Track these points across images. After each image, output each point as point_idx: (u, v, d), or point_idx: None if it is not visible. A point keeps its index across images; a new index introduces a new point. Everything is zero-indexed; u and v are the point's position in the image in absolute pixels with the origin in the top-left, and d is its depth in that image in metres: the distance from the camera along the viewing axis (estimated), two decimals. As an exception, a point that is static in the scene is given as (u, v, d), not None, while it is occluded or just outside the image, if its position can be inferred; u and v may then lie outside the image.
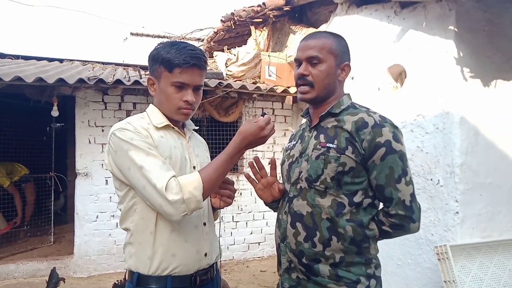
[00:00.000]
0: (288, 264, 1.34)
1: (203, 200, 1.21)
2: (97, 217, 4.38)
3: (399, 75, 3.29)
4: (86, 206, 4.35)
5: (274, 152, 5.16)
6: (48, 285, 3.02)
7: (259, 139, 1.24)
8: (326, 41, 1.33)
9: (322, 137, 1.31)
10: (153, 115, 1.34)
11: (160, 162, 1.20)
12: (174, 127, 1.36)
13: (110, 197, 4.41)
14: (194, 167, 1.36)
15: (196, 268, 1.31)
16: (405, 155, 1.26)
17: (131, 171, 1.21)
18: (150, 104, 1.40)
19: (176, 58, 1.26)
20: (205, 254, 1.34)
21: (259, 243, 5.10)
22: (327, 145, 1.27)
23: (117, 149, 1.24)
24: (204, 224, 1.37)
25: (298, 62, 1.37)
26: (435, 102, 2.81)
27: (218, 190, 1.38)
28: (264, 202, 1.49)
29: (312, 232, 1.26)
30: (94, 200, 4.37)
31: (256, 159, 1.44)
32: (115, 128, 1.27)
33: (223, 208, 1.44)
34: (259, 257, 5.06)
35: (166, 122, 1.34)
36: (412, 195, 1.25)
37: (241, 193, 4.93)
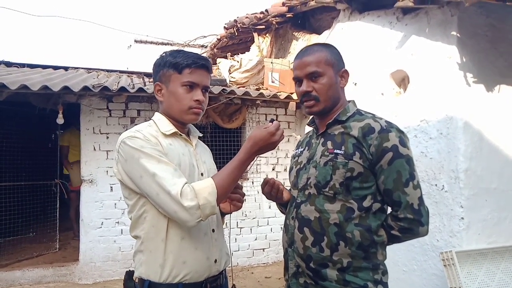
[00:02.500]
0: (295, 269, 1.35)
1: (217, 206, 1.22)
2: (102, 224, 4.39)
3: (402, 81, 3.30)
4: (91, 213, 4.36)
5: (277, 158, 5.17)
6: None
7: (269, 144, 1.26)
8: (320, 54, 1.35)
9: (329, 143, 1.33)
10: (160, 123, 1.35)
11: (172, 169, 1.21)
12: (182, 134, 1.38)
13: (115, 204, 4.42)
14: (202, 174, 1.37)
15: (206, 275, 1.31)
16: (412, 159, 1.28)
17: (143, 179, 1.21)
18: (156, 112, 1.41)
19: (185, 60, 1.30)
20: (215, 261, 1.35)
21: (263, 249, 5.09)
22: (335, 151, 1.29)
23: (127, 157, 1.24)
24: (213, 230, 1.37)
25: (298, 80, 1.39)
26: (438, 107, 2.81)
27: (229, 195, 1.38)
28: (277, 203, 1.54)
29: (320, 237, 1.28)
30: (99, 207, 4.38)
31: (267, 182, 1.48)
32: (125, 137, 1.27)
33: (233, 212, 1.45)
34: (263, 263, 5.04)
35: (174, 129, 1.35)
36: (420, 199, 1.27)
37: (245, 199, 4.90)
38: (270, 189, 1.46)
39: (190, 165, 1.33)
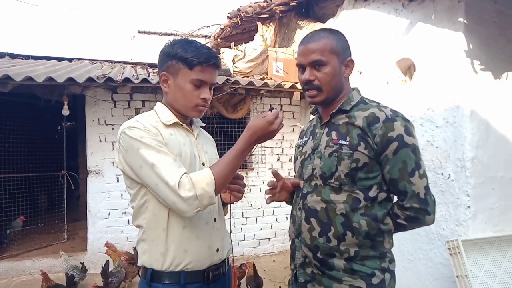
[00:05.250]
0: (302, 259, 1.36)
1: (216, 196, 1.22)
2: (109, 214, 4.44)
3: (408, 69, 3.26)
4: (98, 204, 4.41)
5: (282, 148, 5.16)
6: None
7: (268, 133, 1.25)
8: (326, 41, 1.30)
9: (334, 134, 1.31)
10: (161, 113, 1.35)
11: (171, 159, 1.21)
12: (183, 124, 1.37)
13: (122, 195, 4.46)
14: (203, 164, 1.37)
15: (208, 264, 1.32)
16: (418, 148, 1.26)
17: (142, 169, 1.22)
18: (158, 102, 1.41)
19: (197, 56, 1.28)
20: (217, 250, 1.36)
21: (269, 239, 5.12)
22: (340, 142, 1.27)
23: (127, 147, 1.25)
24: (215, 220, 1.38)
25: (301, 67, 1.35)
26: (445, 95, 2.78)
27: (228, 185, 1.39)
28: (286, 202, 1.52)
29: (327, 227, 1.28)
30: (105, 197, 4.43)
31: (275, 173, 1.45)
32: (125, 127, 1.27)
33: (233, 202, 1.46)
34: (269, 253, 5.08)
35: (175, 119, 1.35)
36: (426, 188, 1.26)
37: (250, 189, 4.95)
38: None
39: (191, 155, 1.33)
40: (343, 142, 1.27)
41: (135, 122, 1.28)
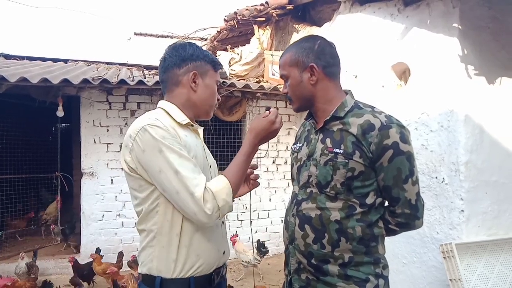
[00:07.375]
0: (297, 265, 1.35)
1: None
2: (103, 216, 4.41)
3: (403, 73, 3.28)
4: (92, 206, 4.38)
5: (278, 151, 5.17)
6: None
7: (271, 132, 1.29)
8: (286, 56, 1.38)
9: (328, 141, 1.30)
10: (173, 112, 1.29)
11: (192, 165, 1.18)
12: (193, 124, 1.35)
13: (116, 197, 4.44)
14: (210, 166, 1.38)
15: (215, 266, 1.31)
16: (413, 155, 1.26)
17: (162, 174, 1.15)
18: (164, 101, 1.34)
19: (217, 60, 1.39)
20: (223, 252, 1.36)
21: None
22: (334, 150, 1.26)
23: (145, 147, 1.16)
24: (223, 223, 1.39)
25: None
26: (439, 100, 2.80)
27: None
28: None
29: (321, 234, 1.27)
30: (99, 199, 4.40)
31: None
32: (144, 124, 1.18)
33: (252, 190, 1.51)
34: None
35: (187, 119, 1.31)
36: (418, 194, 1.27)
37: (245, 192, 4.93)
38: None
39: (203, 157, 1.33)
40: (337, 150, 1.26)
41: (155, 120, 1.19)
